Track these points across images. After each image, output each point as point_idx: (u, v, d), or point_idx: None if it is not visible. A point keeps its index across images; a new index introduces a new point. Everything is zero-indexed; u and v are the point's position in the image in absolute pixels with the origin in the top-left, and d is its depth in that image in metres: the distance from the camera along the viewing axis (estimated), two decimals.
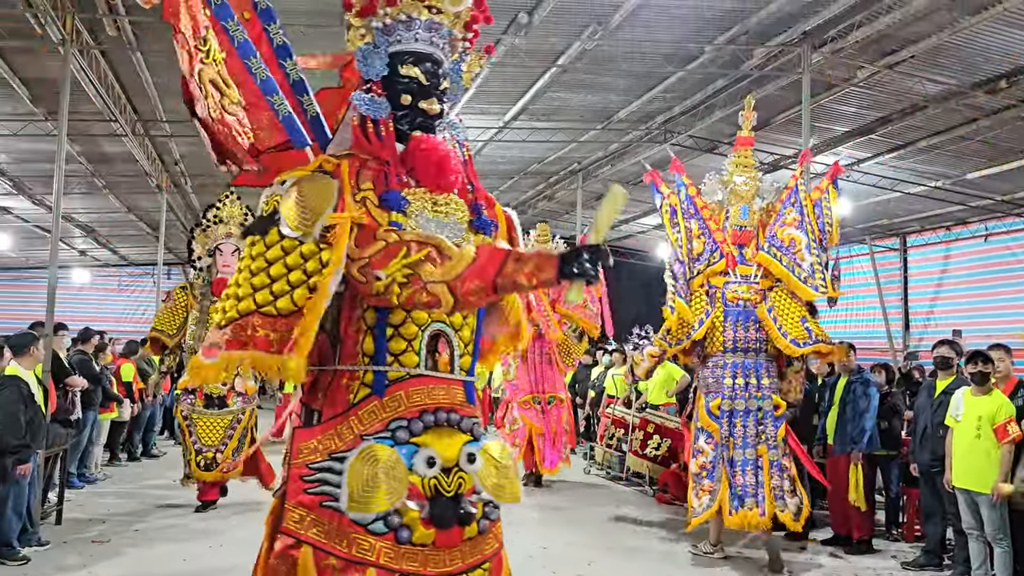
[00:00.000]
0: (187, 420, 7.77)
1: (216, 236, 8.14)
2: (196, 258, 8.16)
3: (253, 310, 2.52)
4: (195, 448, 7.67)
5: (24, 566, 5.96)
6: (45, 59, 9.05)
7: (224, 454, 7.68)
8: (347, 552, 2.47)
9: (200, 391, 7.77)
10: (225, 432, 7.76)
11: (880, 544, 7.27)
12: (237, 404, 7.87)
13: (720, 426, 6.41)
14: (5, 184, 14.18)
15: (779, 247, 6.45)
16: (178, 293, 8.10)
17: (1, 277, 22.23)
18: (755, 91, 11.09)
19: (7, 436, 6.05)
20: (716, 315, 6.56)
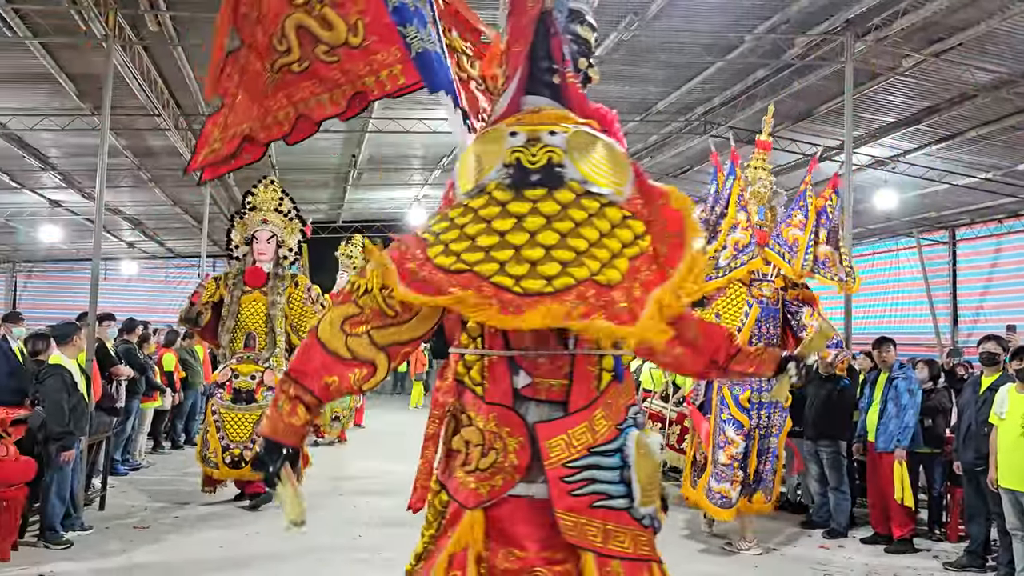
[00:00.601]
0: (215, 415, 7.62)
1: (252, 223, 8.04)
2: (235, 246, 8.09)
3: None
4: (222, 444, 7.49)
5: (67, 550, 6.12)
6: (90, 55, 9.25)
7: (253, 451, 7.35)
8: (632, 551, 2.33)
9: (229, 385, 7.64)
10: (254, 428, 7.52)
11: (922, 543, 7.11)
12: (266, 399, 7.56)
13: (750, 417, 6.60)
14: (55, 178, 14.54)
15: (783, 245, 6.79)
16: (209, 284, 8.06)
17: (53, 269, 22.83)
18: (797, 81, 10.95)
19: (51, 423, 6.22)
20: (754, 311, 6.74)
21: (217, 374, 7.86)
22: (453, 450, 2.46)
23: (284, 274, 8.09)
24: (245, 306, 7.88)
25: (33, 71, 9.76)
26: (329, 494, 8.52)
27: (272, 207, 8.10)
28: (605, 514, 2.31)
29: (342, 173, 16.70)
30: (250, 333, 7.85)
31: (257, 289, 7.91)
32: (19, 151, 12.65)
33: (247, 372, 7.71)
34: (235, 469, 7.49)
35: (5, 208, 16.82)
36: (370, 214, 22.13)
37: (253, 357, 7.80)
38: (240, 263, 8.06)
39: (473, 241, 2.15)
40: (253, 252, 7.99)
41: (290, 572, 5.74)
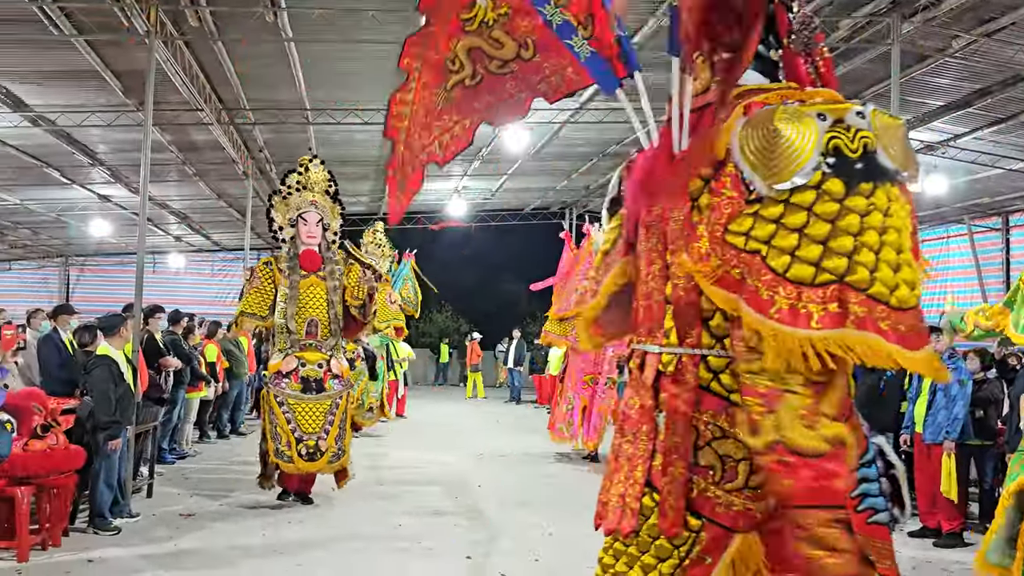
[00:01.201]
0: (283, 406, 7.14)
1: (298, 204, 7.58)
2: (278, 228, 7.62)
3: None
4: (295, 436, 7.08)
5: (116, 536, 6.26)
6: (133, 51, 9.39)
7: (327, 441, 7.15)
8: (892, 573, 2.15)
9: (296, 374, 7.22)
10: (325, 418, 7.19)
11: (972, 538, 6.93)
12: (335, 387, 7.33)
13: None
14: (104, 173, 14.84)
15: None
16: (262, 269, 7.57)
17: (103, 263, 23.37)
18: (842, 64, 10.69)
19: (99, 413, 6.37)
20: None
21: (280, 363, 7.30)
22: (701, 466, 2.19)
23: (336, 258, 7.75)
24: (304, 291, 7.45)
25: (79, 68, 9.96)
26: (370, 484, 8.59)
27: (322, 188, 7.66)
28: (874, 530, 2.10)
29: (382, 165, 16.79)
30: (312, 319, 7.40)
31: (313, 273, 7.50)
32: (68, 147, 12.93)
33: (314, 360, 7.33)
34: (311, 462, 7.12)
35: (56, 203, 17.23)
36: (411, 206, 22.12)
37: (317, 345, 7.42)
38: (290, 245, 7.60)
39: (824, 245, 1.93)
40: (300, 234, 7.53)
41: (331, 560, 5.80)
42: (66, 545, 5.96)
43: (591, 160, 17.36)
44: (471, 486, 8.74)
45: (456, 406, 19.31)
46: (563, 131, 14.54)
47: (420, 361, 24.97)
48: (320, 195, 7.63)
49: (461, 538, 6.52)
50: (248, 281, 7.65)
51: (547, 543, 6.40)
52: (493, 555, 6.02)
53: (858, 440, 2.05)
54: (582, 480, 9.30)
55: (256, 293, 7.47)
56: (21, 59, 9.79)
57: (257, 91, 11.67)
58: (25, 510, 5.58)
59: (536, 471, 9.85)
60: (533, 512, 7.50)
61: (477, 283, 34.31)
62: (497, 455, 11.10)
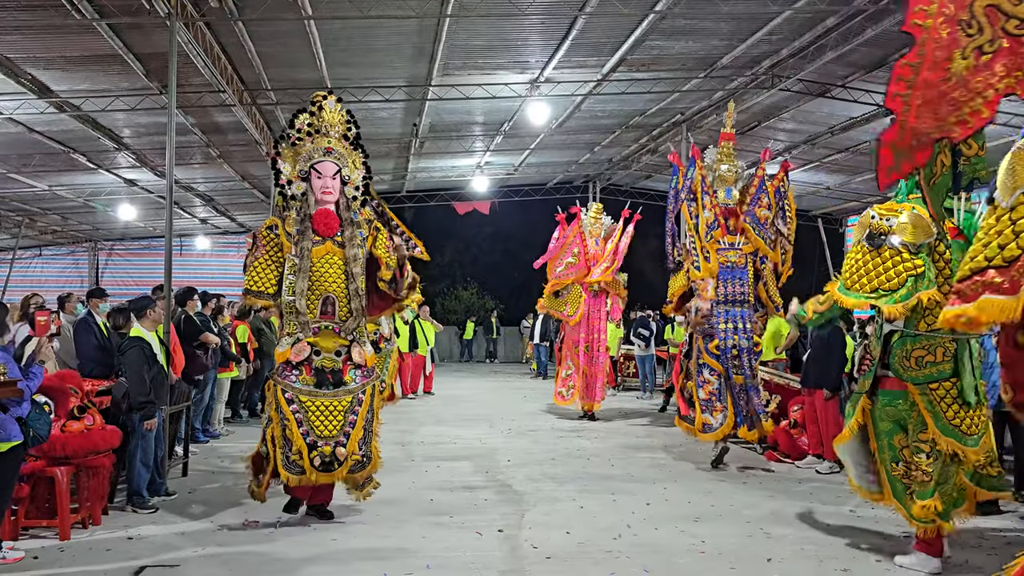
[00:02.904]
0: (292, 404, 5.89)
1: (310, 153, 6.10)
2: (286, 183, 6.15)
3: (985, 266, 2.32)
4: (307, 442, 5.82)
5: (153, 514, 6.37)
6: (155, 34, 9.43)
7: (348, 447, 5.90)
8: None
9: (308, 366, 5.96)
10: (345, 418, 5.94)
11: (1008, 505, 6.86)
12: (357, 380, 6.05)
13: (720, 362, 8.32)
14: (129, 157, 14.97)
15: (757, 223, 8.41)
16: (265, 235, 6.10)
17: (132, 246, 23.67)
18: (870, 27, 10.47)
19: (134, 393, 6.47)
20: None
21: (289, 351, 5.97)
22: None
23: (359, 220, 6.26)
24: (317, 262, 6.02)
25: (102, 52, 10.01)
26: (401, 460, 8.67)
27: (339, 132, 6.21)
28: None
29: (404, 142, 16.77)
30: (327, 297, 6.03)
31: (330, 239, 6.08)
32: (94, 132, 13.05)
33: (331, 348, 6.02)
34: (326, 472, 5.88)
35: (84, 188, 17.42)
36: (434, 183, 22.23)
37: (334, 328, 6.06)
38: (301, 203, 6.15)
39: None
40: (314, 190, 6.07)
41: (365, 532, 5.87)
42: (106, 523, 6.09)
43: (614, 132, 17.22)
44: (500, 461, 8.79)
45: (482, 382, 19.39)
46: (585, 103, 14.42)
47: (445, 337, 25.07)
48: (338, 140, 6.17)
49: (493, 512, 6.57)
50: (250, 251, 6.18)
51: (577, 516, 6.43)
52: (524, 528, 6.06)
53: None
54: (611, 454, 9.32)
55: (261, 266, 6.03)
56: (45, 45, 9.85)
57: (278, 71, 11.69)
58: (65, 489, 5.70)
59: (564, 445, 9.89)
60: (562, 486, 7.53)
61: (501, 259, 34.33)
62: (525, 430, 11.15)
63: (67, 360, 8.01)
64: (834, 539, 5.88)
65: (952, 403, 5.13)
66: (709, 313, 8.44)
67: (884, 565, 5.29)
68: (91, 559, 5.29)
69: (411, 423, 11.51)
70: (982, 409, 5.21)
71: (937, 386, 5.16)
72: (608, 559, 5.32)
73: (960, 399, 5.12)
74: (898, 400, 5.32)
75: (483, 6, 9.98)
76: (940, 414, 5.13)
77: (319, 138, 6.12)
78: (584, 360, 12.05)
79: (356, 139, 6.33)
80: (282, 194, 6.20)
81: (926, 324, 5.17)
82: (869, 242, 5.18)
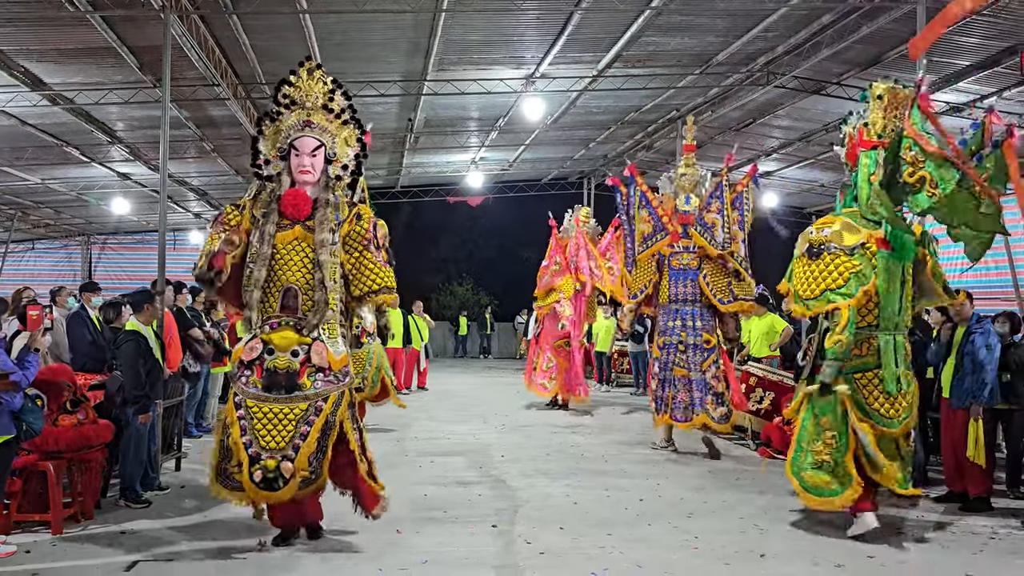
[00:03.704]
0: (239, 409, 5.16)
1: (288, 128, 5.40)
2: (263, 163, 5.50)
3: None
4: (249, 454, 5.02)
5: (146, 509, 6.36)
6: (149, 27, 9.38)
7: (297, 462, 5.03)
8: None
9: (259, 366, 5.16)
10: (297, 428, 5.07)
11: (1000, 503, 6.89)
12: (317, 385, 5.18)
13: (663, 355, 9.14)
14: (123, 151, 14.90)
15: (705, 227, 9.06)
16: (230, 213, 5.43)
17: (125, 240, 23.59)
18: (865, 24, 10.48)
19: (128, 387, 6.45)
20: (665, 276, 9.26)
21: (241, 348, 5.30)
22: None
23: (339, 202, 5.45)
24: (282, 248, 5.28)
25: (96, 45, 9.96)
26: (394, 454, 8.66)
27: (319, 103, 5.44)
28: None
29: (399, 138, 16.73)
30: (289, 288, 5.26)
31: (299, 223, 5.32)
32: (87, 125, 12.98)
33: (286, 345, 5.18)
34: (268, 491, 5.05)
35: (76, 182, 17.35)
36: (429, 178, 22.20)
37: (294, 323, 5.25)
38: (274, 185, 5.43)
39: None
40: (292, 169, 5.36)
41: (358, 527, 5.85)
42: (99, 518, 6.07)
43: (609, 128, 17.21)
44: (494, 456, 8.80)
45: (476, 378, 19.39)
46: (581, 99, 14.40)
47: (439, 333, 25.06)
48: (320, 113, 5.42)
49: (486, 507, 6.57)
50: (212, 227, 5.53)
51: (571, 511, 6.44)
52: (518, 524, 6.07)
53: None
54: (604, 449, 9.33)
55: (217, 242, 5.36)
56: (38, 37, 9.80)
57: (273, 65, 11.63)
58: (57, 484, 5.68)
59: (558, 441, 9.89)
60: (556, 481, 7.54)
61: (496, 255, 34.30)
62: (519, 425, 11.16)
63: (59, 354, 7.97)
64: (827, 535, 5.89)
65: (874, 390, 5.82)
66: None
67: (878, 560, 5.31)
68: (84, 554, 5.27)
69: (405, 418, 11.50)
70: (904, 397, 5.84)
71: (862, 376, 5.84)
72: (601, 555, 5.33)
73: (881, 387, 5.80)
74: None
75: (479, 1, 9.95)
76: (862, 400, 5.80)
77: (297, 110, 5.41)
78: (563, 354, 12.52)
79: (349, 113, 5.57)
80: (258, 175, 5.51)
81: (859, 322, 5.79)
82: (809, 254, 5.88)
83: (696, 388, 8.89)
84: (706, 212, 9.08)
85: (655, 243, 9.20)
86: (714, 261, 9.08)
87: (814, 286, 5.77)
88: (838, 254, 5.72)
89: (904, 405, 5.83)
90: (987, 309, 10.07)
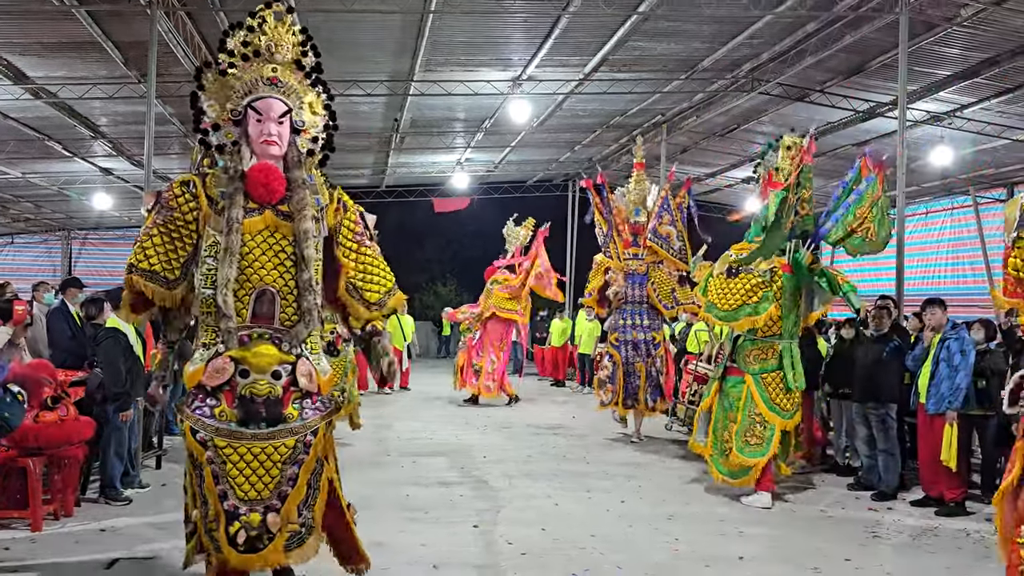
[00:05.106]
0: (207, 450, 3.76)
1: (247, 85, 3.96)
2: (210, 129, 4.00)
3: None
4: (225, 508, 3.73)
5: (126, 506, 6.33)
6: (135, 22, 9.34)
7: (284, 513, 3.81)
8: None
9: (229, 392, 3.83)
10: (283, 472, 3.83)
11: (974, 506, 6.99)
12: (306, 414, 3.94)
13: (619, 351, 9.97)
14: (105, 146, 14.82)
15: (661, 238, 9.95)
16: (178, 193, 3.98)
17: (106, 236, 23.42)
18: (849, 34, 10.61)
19: (109, 384, 6.41)
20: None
21: (200, 369, 3.89)
22: None
23: (315, 183, 4.16)
24: (252, 239, 3.95)
25: (80, 39, 9.91)
26: (376, 454, 8.66)
27: (289, 57, 4.06)
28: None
29: (385, 137, 16.72)
30: (264, 291, 3.92)
31: (272, 207, 3.98)
32: (70, 120, 12.90)
33: (264, 365, 3.87)
34: (251, 553, 3.77)
35: (58, 176, 17.21)
36: (413, 179, 22.18)
37: (273, 336, 3.93)
38: (229, 161, 4.01)
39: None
40: (252, 139, 3.98)
41: None
42: (78, 515, 6.04)
43: (595, 131, 17.29)
44: (476, 457, 8.82)
45: None
46: (567, 102, 14.46)
47: (423, 333, 25.03)
48: (287, 68, 4.07)
49: (468, 508, 6.59)
50: (150, 211, 4.14)
51: (552, 513, 6.47)
52: (500, 524, 6.09)
53: None
54: (586, 451, 9.38)
55: (159, 236, 3.98)
56: (22, 30, 9.74)
57: None
58: (38, 481, 5.65)
59: (540, 442, 9.93)
60: (537, 482, 7.57)
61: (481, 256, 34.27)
62: (501, 426, 11.18)
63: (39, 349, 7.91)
64: (806, 538, 5.97)
65: (776, 388, 6.97)
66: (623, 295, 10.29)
67: (854, 564, 5.38)
68: (63, 551, 5.25)
69: (387, 418, 11.50)
70: (796, 394, 7.00)
71: (767, 376, 6.99)
72: (582, 555, 5.36)
73: (783, 386, 6.95)
74: (739, 384, 7.10)
75: (467, 3, 9.98)
76: (768, 397, 6.95)
77: (260, 64, 4.01)
78: (504, 355, 13.52)
79: (316, 71, 4.22)
80: (204, 143, 4.09)
81: (761, 332, 7.01)
82: (728, 273, 7.09)
83: (648, 379, 9.98)
84: (659, 225, 9.97)
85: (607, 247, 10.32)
86: (661, 269, 10.07)
87: (731, 300, 6.95)
88: (752, 276, 6.94)
89: (796, 400, 7.01)
90: (965, 316, 10.21)
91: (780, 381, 6.93)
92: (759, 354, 7.03)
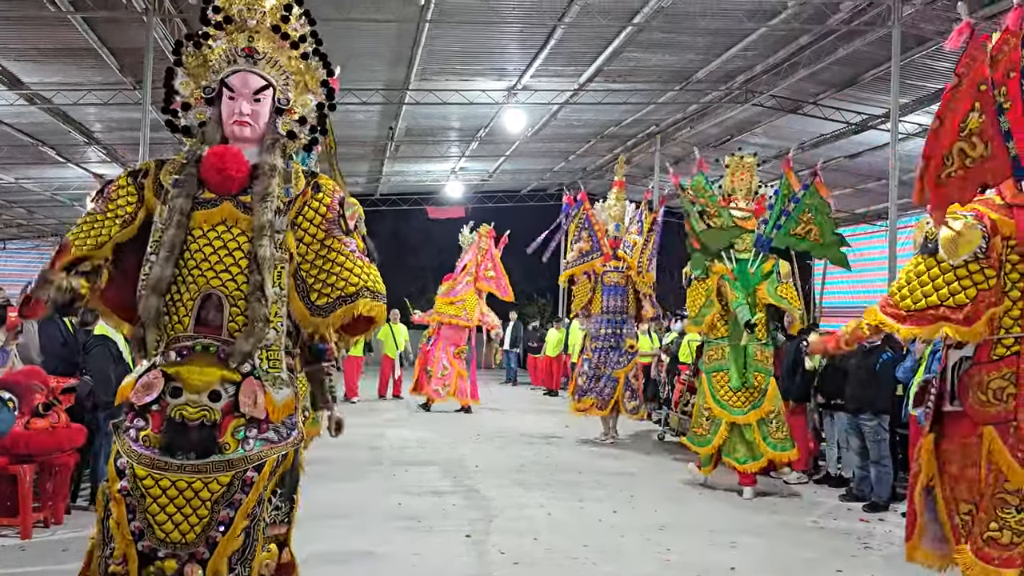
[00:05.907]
0: (122, 479, 3.05)
1: (220, 59, 3.33)
2: (180, 108, 3.40)
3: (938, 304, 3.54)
4: (139, 549, 3.01)
5: None
6: (131, 29, 9.36)
7: (212, 566, 3.01)
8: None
9: (157, 414, 3.10)
10: (213, 513, 3.03)
11: None
12: (248, 445, 3.10)
13: (597, 357, 10.57)
14: (99, 152, 14.80)
15: (628, 246, 10.60)
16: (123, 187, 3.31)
17: None
18: (842, 47, 10.69)
19: (99, 392, 6.37)
20: (598, 291, 10.79)
21: (131, 384, 3.25)
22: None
23: (291, 170, 3.39)
24: (200, 234, 3.24)
25: (76, 46, 9.92)
26: (368, 463, 8.64)
27: (267, 23, 3.39)
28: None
29: (380, 145, 16.75)
30: (210, 295, 3.19)
31: (229, 198, 3.26)
32: (64, 126, 12.90)
33: (201, 384, 3.12)
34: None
35: (51, 182, 17.19)
36: (408, 187, 22.21)
37: (217, 349, 3.16)
38: (195, 142, 3.39)
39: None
40: (223, 116, 3.33)
41: (332, 536, 5.84)
42: (68, 523, 6.01)
43: (589, 142, 17.35)
44: (468, 466, 8.80)
45: None
46: (561, 112, 14.52)
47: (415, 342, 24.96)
48: (267, 37, 3.41)
49: (460, 517, 6.58)
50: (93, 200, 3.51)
51: (545, 522, 6.46)
52: (492, 534, 6.08)
53: None
54: (579, 461, 9.38)
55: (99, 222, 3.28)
56: (18, 36, 9.74)
57: None
58: (28, 488, 5.61)
59: (533, 451, 9.92)
60: (530, 492, 7.56)
61: None
62: (494, 435, 11.17)
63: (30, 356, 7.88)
64: (797, 549, 5.97)
65: (724, 386, 7.61)
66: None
67: (845, 575, 5.39)
68: (53, 559, 5.22)
69: (379, 427, 11.48)
70: (751, 392, 7.51)
71: (716, 374, 7.70)
72: (575, 565, 5.36)
73: (730, 384, 7.56)
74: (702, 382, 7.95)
75: (463, 13, 10.02)
76: (716, 393, 7.64)
77: (235, 33, 3.38)
78: (460, 362, 13.67)
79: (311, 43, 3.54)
80: (170, 125, 3.48)
81: (713, 335, 7.80)
82: (686, 282, 8.08)
83: (625, 385, 10.55)
84: (627, 234, 10.68)
85: (590, 260, 10.69)
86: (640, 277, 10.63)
87: (693, 307, 7.92)
88: (704, 284, 7.77)
89: (748, 398, 7.52)
90: None
91: (728, 379, 7.58)
92: (712, 354, 7.85)
